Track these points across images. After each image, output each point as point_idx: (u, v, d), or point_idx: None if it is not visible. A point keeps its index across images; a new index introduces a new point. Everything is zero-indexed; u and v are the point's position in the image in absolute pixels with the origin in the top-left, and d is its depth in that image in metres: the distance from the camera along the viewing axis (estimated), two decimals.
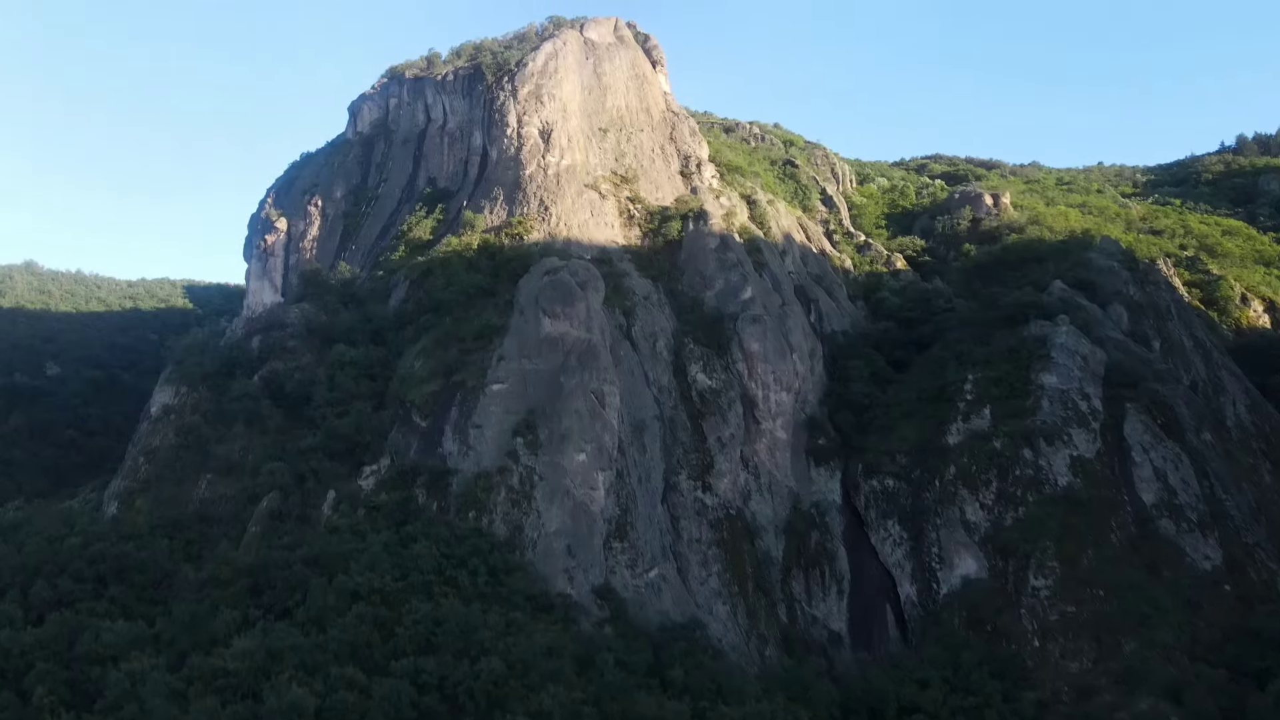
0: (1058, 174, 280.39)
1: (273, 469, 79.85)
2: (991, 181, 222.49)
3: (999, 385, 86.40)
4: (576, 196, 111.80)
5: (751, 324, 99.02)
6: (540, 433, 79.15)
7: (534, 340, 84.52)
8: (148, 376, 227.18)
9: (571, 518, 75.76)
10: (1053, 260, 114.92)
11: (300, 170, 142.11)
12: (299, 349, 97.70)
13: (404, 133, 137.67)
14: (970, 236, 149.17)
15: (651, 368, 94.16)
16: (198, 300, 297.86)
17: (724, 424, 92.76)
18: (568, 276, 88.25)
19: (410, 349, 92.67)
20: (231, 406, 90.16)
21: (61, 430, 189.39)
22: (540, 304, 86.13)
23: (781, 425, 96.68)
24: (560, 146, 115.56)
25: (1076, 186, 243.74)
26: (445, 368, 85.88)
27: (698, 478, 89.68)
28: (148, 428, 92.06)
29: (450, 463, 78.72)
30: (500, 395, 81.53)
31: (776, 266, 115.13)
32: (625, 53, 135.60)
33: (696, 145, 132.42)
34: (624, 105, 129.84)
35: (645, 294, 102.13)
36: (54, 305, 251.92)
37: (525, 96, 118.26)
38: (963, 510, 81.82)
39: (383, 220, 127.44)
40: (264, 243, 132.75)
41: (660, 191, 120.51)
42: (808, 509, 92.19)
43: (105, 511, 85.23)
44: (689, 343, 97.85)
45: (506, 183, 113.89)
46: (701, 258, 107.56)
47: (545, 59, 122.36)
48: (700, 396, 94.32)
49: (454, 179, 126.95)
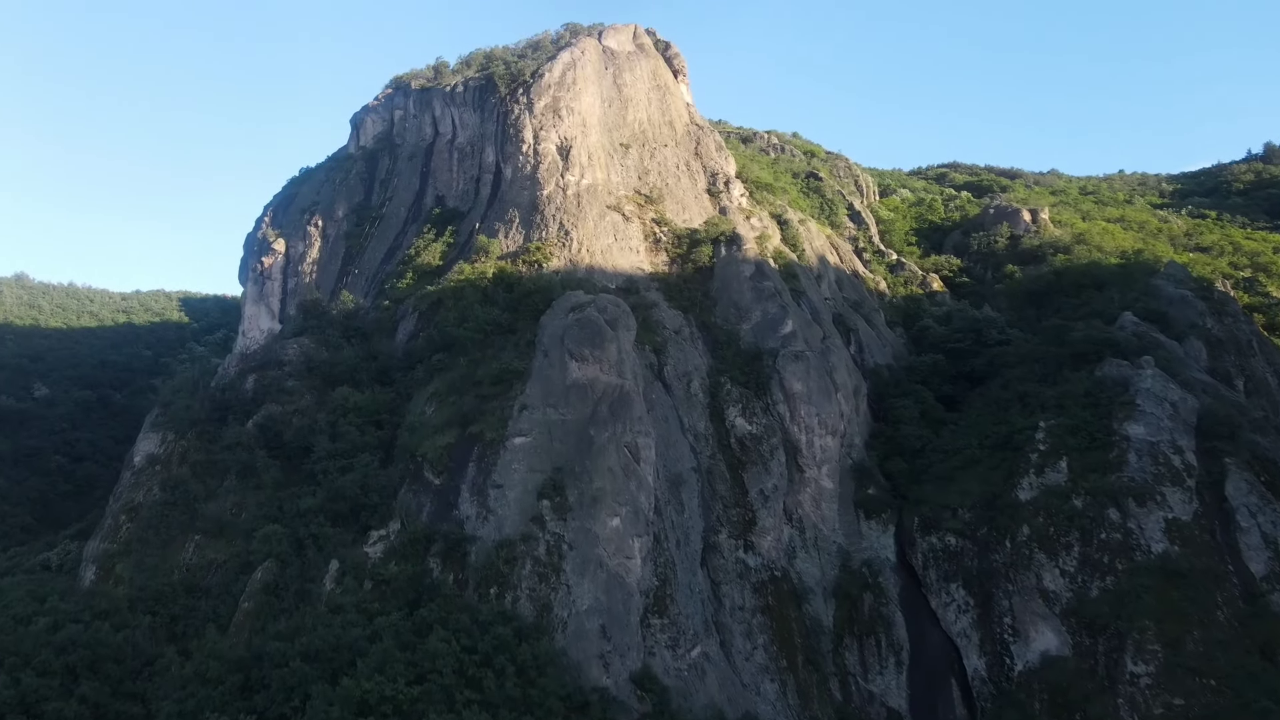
0: (1079, 182, 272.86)
1: (268, 533, 71.26)
2: (1017, 193, 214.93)
3: (1076, 435, 77.63)
4: (598, 219, 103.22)
5: (793, 361, 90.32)
6: (569, 494, 70.44)
7: (560, 387, 75.85)
8: (140, 396, 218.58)
9: (605, 592, 66.99)
10: (1115, 287, 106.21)
11: (300, 187, 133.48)
12: (298, 390, 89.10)
13: (410, 147, 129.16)
14: (1010, 256, 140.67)
15: (686, 412, 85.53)
16: (193, 313, 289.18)
17: (766, 474, 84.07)
18: (596, 314, 79.57)
19: (420, 392, 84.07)
20: (223, 457, 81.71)
21: (49, 456, 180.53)
22: (566, 345, 77.45)
23: (827, 473, 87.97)
24: (580, 164, 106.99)
25: (1102, 196, 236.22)
26: (461, 416, 77.19)
27: (739, 536, 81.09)
28: (130, 480, 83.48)
29: (468, 528, 70.03)
30: (523, 450, 72.84)
31: (814, 294, 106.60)
32: (646, 62, 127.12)
33: (723, 161, 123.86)
34: (646, 119, 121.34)
35: (676, 328, 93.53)
36: (44, 320, 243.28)
37: (542, 110, 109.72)
38: (1039, 576, 73.01)
39: (387, 242, 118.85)
40: (261, 265, 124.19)
41: (687, 212, 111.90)
42: (858, 568, 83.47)
43: (82, 577, 76.64)
44: (725, 383, 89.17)
45: (522, 204, 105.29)
46: (736, 286, 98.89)
47: (563, 69, 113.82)
48: (740, 444, 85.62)
49: (464, 198, 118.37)
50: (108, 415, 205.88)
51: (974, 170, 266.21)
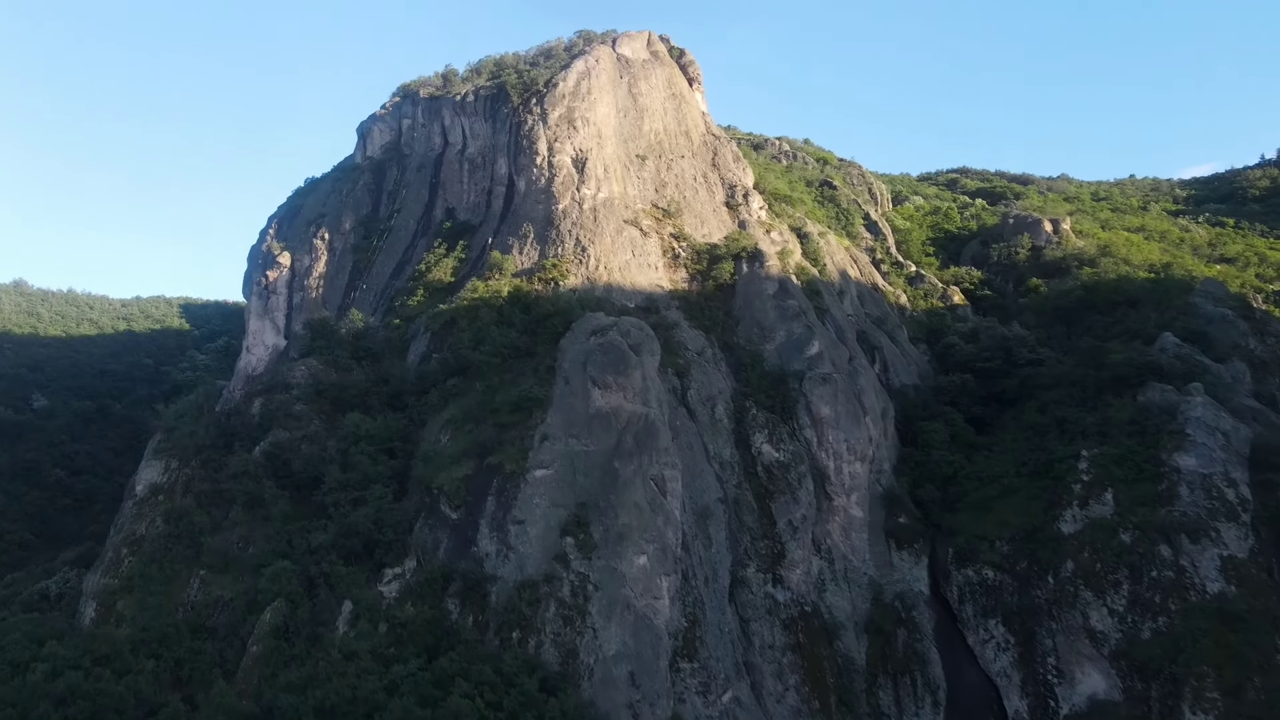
0: (1090, 187, 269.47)
1: (278, 571, 67.80)
2: (1032, 200, 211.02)
3: (1122, 465, 74.20)
4: (616, 234, 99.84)
5: (820, 385, 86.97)
6: (593, 530, 66.99)
7: (582, 416, 72.44)
8: (140, 406, 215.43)
9: (633, 636, 63.57)
10: (1149, 304, 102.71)
11: (305, 198, 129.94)
12: (306, 415, 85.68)
13: (418, 157, 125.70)
14: (1033, 268, 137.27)
15: (712, 439, 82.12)
16: (194, 320, 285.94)
17: (794, 504, 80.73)
18: (619, 339, 76.16)
19: (435, 419, 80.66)
20: (229, 486, 78.29)
21: (47, 470, 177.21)
22: (589, 372, 74.04)
23: (856, 501, 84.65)
24: (596, 177, 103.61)
25: (1115, 202, 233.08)
26: (478, 446, 73.74)
27: (767, 569, 77.77)
28: (132, 510, 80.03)
29: (488, 566, 66.58)
30: (545, 483, 69.38)
31: (837, 311, 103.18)
32: (661, 70, 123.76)
33: (740, 172, 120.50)
34: (662, 129, 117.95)
35: (698, 349, 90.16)
36: (43, 329, 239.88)
37: (556, 121, 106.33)
38: (1086, 615, 69.58)
39: (396, 256, 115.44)
40: (265, 279, 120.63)
41: (706, 226, 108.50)
42: (891, 601, 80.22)
43: (82, 614, 73.26)
44: (751, 407, 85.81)
45: (537, 218, 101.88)
46: (759, 305, 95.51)
47: (577, 79, 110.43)
48: (767, 472, 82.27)
49: (475, 210, 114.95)
50: (107, 426, 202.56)
51: (985, 176, 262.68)
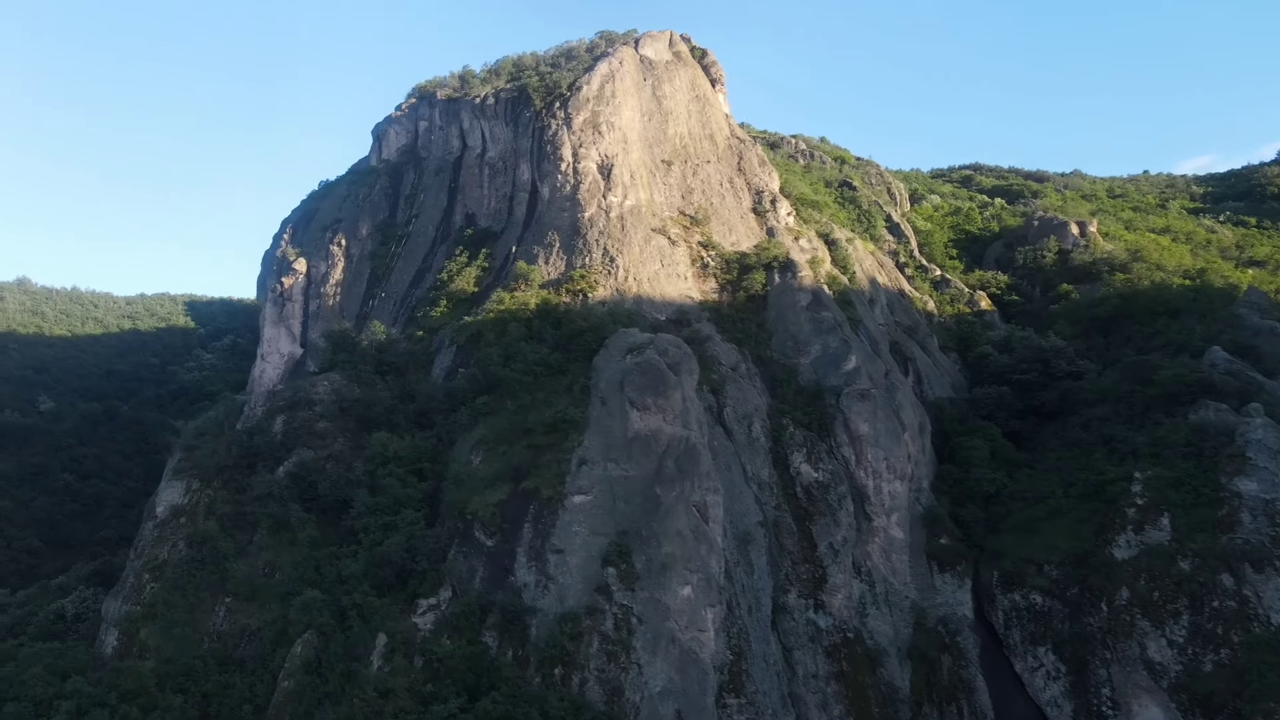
0: (1105, 184, 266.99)
1: (308, 601, 65.44)
2: (1050, 199, 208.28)
3: (1179, 489, 71.82)
4: (644, 244, 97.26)
5: (859, 401, 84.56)
6: (635, 560, 64.66)
7: (621, 439, 69.99)
8: (148, 407, 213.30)
9: (679, 671, 61.37)
10: (1191, 315, 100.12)
11: (320, 202, 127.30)
12: (329, 433, 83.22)
13: (436, 161, 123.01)
14: (1061, 272, 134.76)
15: (749, 459, 79.69)
16: (200, 318, 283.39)
17: (835, 526, 78.33)
18: (656, 358, 73.66)
19: (465, 438, 78.18)
20: (253, 509, 75.81)
21: (55, 475, 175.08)
22: (626, 393, 71.57)
23: (896, 521, 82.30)
24: (622, 184, 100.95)
25: (1132, 199, 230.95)
26: (512, 469, 71.32)
27: (809, 594, 75.37)
28: (153, 533, 77.54)
29: (526, 597, 64.28)
30: (584, 510, 67.01)
31: (870, 322, 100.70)
32: (684, 71, 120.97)
33: (767, 176, 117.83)
34: (686, 132, 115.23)
35: (732, 364, 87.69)
36: (48, 328, 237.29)
37: (581, 125, 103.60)
38: (1143, 646, 67.31)
39: (415, 263, 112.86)
40: (280, 285, 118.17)
41: (734, 234, 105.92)
42: (934, 626, 77.93)
43: (103, 643, 70.92)
44: (788, 425, 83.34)
45: (562, 227, 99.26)
46: (792, 317, 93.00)
47: (601, 81, 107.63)
48: (806, 493, 79.88)
49: (496, 217, 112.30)
50: (115, 428, 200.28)
51: (999, 173, 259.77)
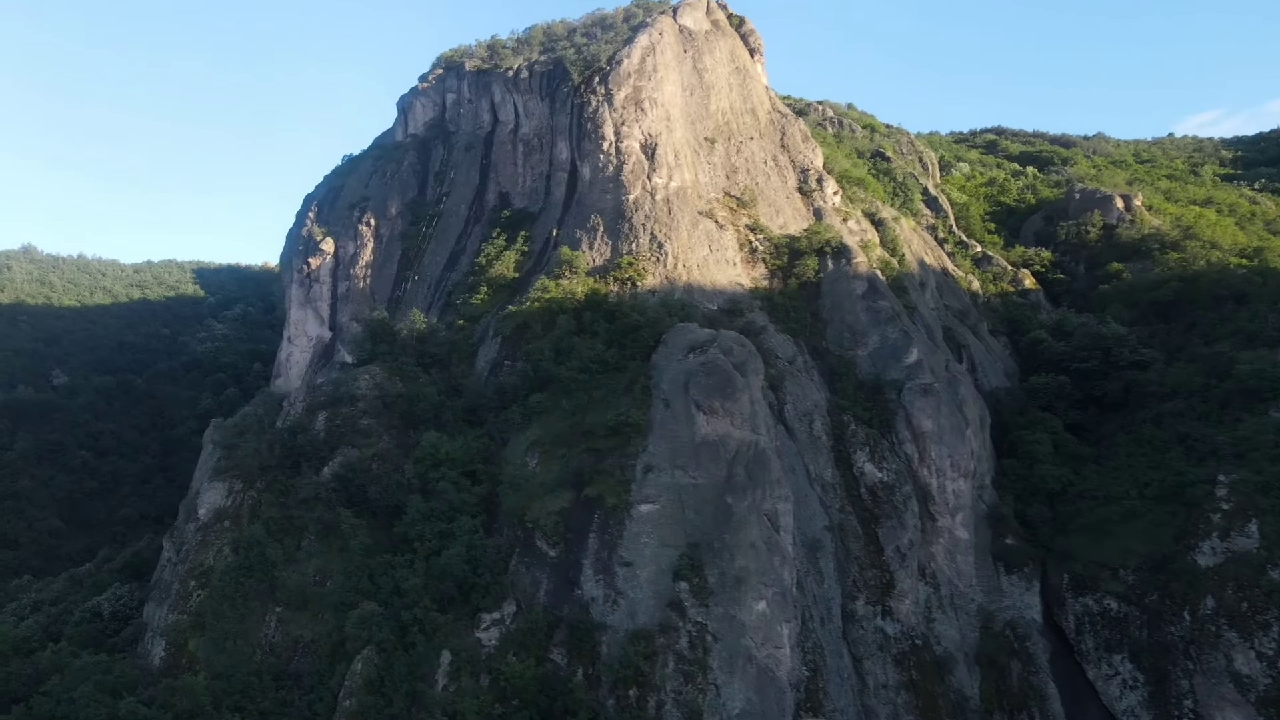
0: (1130, 146, 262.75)
1: (365, 615, 62.94)
2: (1082, 167, 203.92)
3: (1267, 494, 69.10)
4: (691, 228, 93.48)
5: (922, 396, 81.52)
6: (708, 574, 62.07)
7: (688, 444, 67.01)
8: (161, 380, 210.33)
9: (757, 691, 59.11)
10: (1261, 300, 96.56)
11: (345, 178, 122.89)
12: (374, 430, 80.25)
13: (466, 136, 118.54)
14: (1108, 249, 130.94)
15: (812, 460, 76.83)
16: (208, 286, 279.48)
17: (901, 528, 75.75)
18: (721, 357, 70.40)
19: (518, 438, 75.20)
20: (299, 513, 73.18)
21: (73, 451, 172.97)
22: (692, 395, 68.43)
23: (961, 521, 79.73)
24: (667, 164, 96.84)
25: (1160, 165, 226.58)
26: (573, 475, 68.48)
27: (876, 601, 73.00)
28: (196, 536, 74.92)
29: (595, 612, 61.83)
30: (652, 520, 64.27)
31: (924, 309, 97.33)
32: (724, 42, 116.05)
33: (810, 153, 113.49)
34: (728, 107, 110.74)
35: (789, 357, 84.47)
36: (57, 299, 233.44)
37: (622, 102, 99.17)
38: (1229, 658, 65.11)
39: (448, 245, 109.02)
40: (307, 266, 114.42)
41: (781, 216, 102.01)
42: (1001, 629, 75.75)
43: (150, 654, 68.95)
44: (849, 422, 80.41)
45: (606, 210, 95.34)
46: (848, 307, 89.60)
47: (641, 55, 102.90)
48: (871, 494, 77.19)
49: (532, 196, 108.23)
50: (130, 402, 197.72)
51: (1024, 137, 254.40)
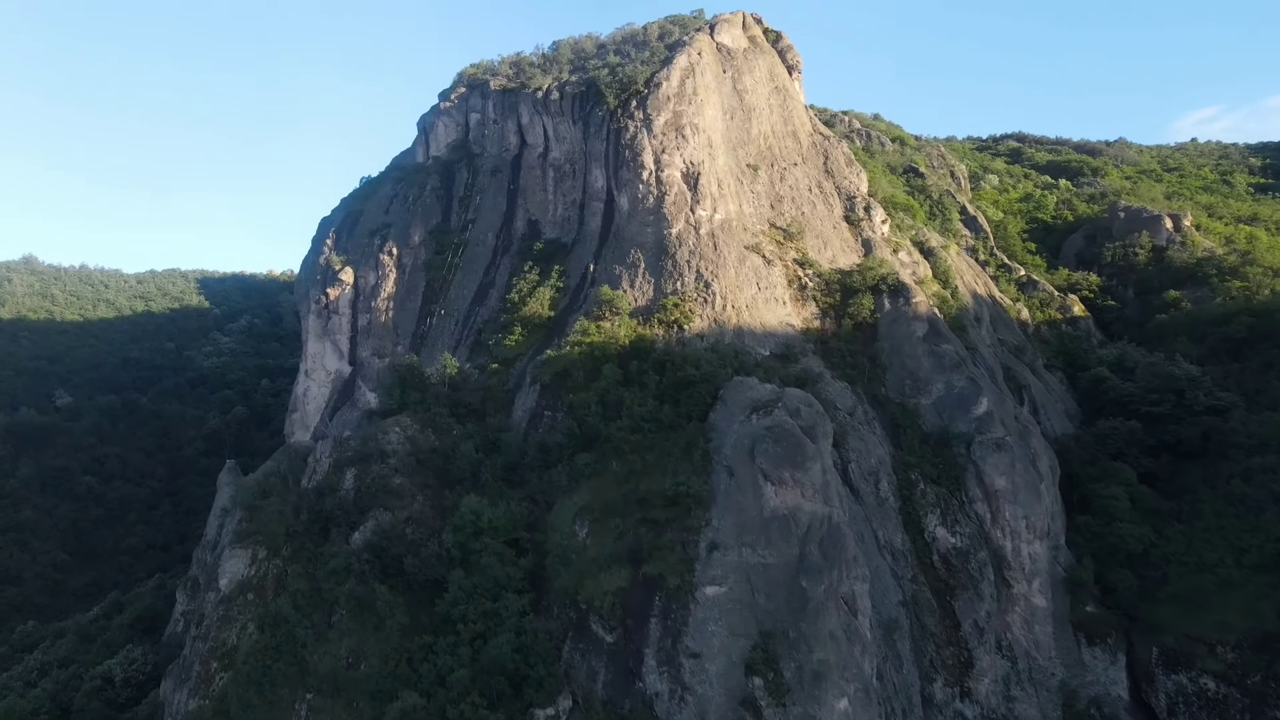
0: (1153, 152, 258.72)
1: (407, 709, 57.34)
2: (1112, 179, 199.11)
3: None
4: (738, 264, 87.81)
5: (994, 452, 75.96)
6: (784, 668, 56.45)
7: (756, 519, 61.39)
8: (167, 399, 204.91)
9: None
10: None
11: (364, 202, 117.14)
12: (406, 490, 74.64)
13: (492, 159, 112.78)
14: (1159, 273, 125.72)
15: (881, 525, 71.33)
16: (213, 296, 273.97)
17: (978, 600, 70.28)
18: (788, 420, 64.76)
19: (565, 503, 69.57)
20: (329, 585, 67.51)
21: (77, 477, 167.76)
22: (758, 463, 62.78)
23: (1038, 587, 74.27)
24: (710, 195, 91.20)
25: (1188, 173, 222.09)
26: (629, 550, 62.84)
27: (955, 682, 67.66)
28: (217, 610, 69.31)
29: (660, 710, 56.29)
30: (719, 604, 58.68)
31: (984, 348, 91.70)
32: (762, 60, 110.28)
33: (855, 178, 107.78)
34: (770, 130, 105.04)
35: (849, 408, 78.87)
36: (59, 313, 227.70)
37: (662, 129, 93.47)
38: None
39: (476, 277, 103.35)
40: (325, 297, 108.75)
41: (829, 248, 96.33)
42: (1085, 708, 70.45)
43: None
44: (917, 480, 74.90)
45: (646, 244, 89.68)
46: (908, 351, 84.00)
47: (680, 77, 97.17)
48: (944, 561, 71.68)
49: (565, 226, 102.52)
50: (135, 423, 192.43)
51: (1047, 144, 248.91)
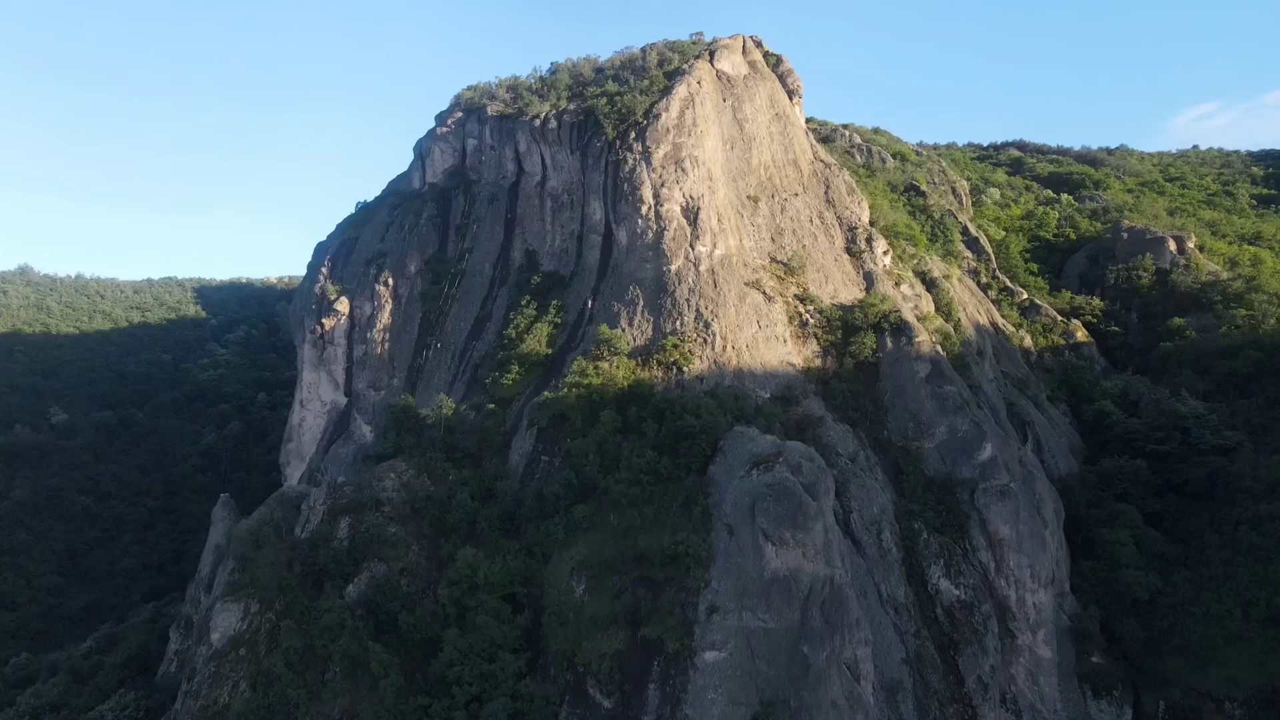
0: (1154, 159, 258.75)
1: None
2: (1115, 192, 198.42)
3: None
4: (739, 302, 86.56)
5: (999, 500, 74.89)
6: None
7: (756, 581, 60.24)
8: (163, 414, 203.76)
9: None
10: None
11: (359, 229, 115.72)
12: (402, 540, 73.43)
13: (489, 186, 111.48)
14: (1162, 298, 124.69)
15: (883, 578, 70.20)
16: (210, 306, 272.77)
17: (982, 654, 69.19)
18: (790, 478, 63.56)
19: (562, 556, 68.42)
20: (322, 643, 66.32)
21: (72, 498, 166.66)
22: (759, 523, 61.62)
23: (1043, 638, 73.24)
24: (710, 230, 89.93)
25: (1190, 183, 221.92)
26: (627, 610, 61.79)
27: None
28: (209, 666, 68.11)
29: None
30: (719, 671, 57.59)
31: (987, 384, 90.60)
32: (763, 87, 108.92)
33: (857, 207, 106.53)
34: (770, 160, 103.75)
35: (851, 453, 77.74)
36: (54, 325, 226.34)
37: (661, 161, 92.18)
38: None
39: (473, 309, 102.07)
40: (320, 327, 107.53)
41: (831, 283, 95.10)
42: None
43: None
44: (920, 530, 73.76)
45: (645, 281, 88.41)
46: (911, 392, 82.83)
47: (680, 108, 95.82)
48: (948, 615, 70.56)
49: (562, 258, 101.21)
50: (131, 440, 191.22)
51: (1048, 154, 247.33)
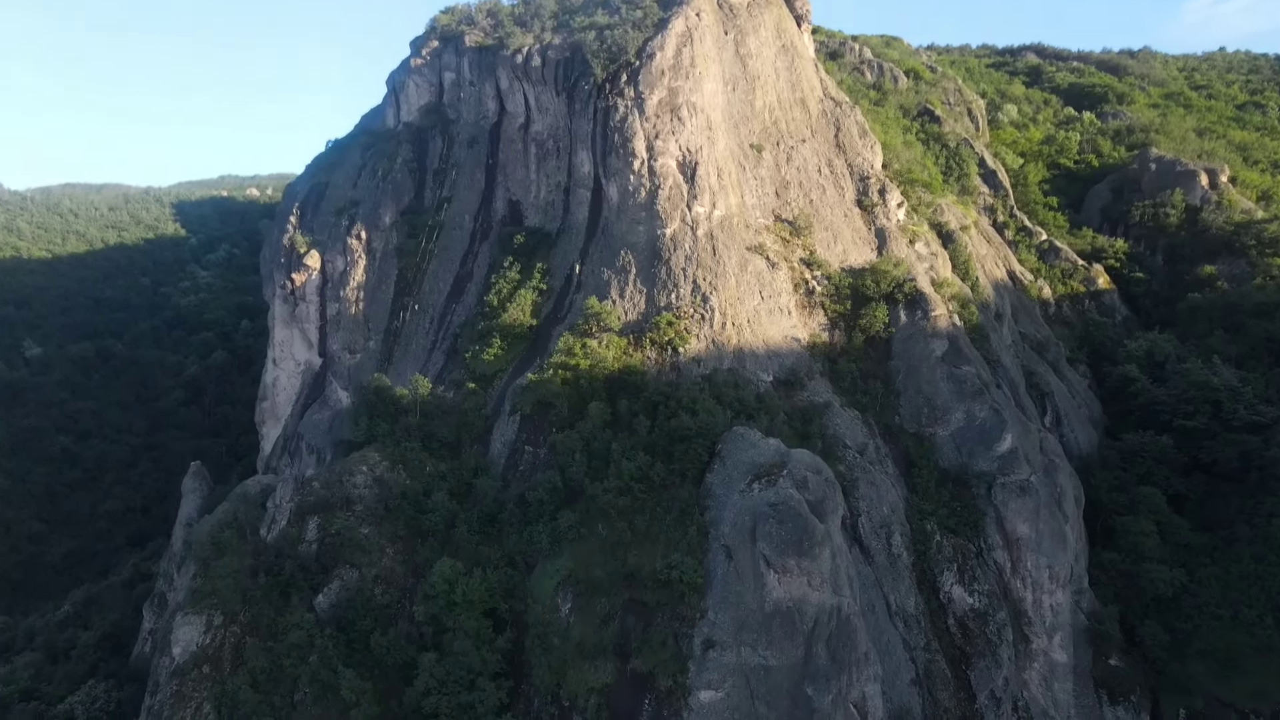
0: (1179, 62, 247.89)
1: None
2: (1140, 108, 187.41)
3: None
4: (740, 271, 79.28)
5: (1018, 497, 69.54)
6: None
7: (757, 613, 55.20)
8: (143, 343, 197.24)
9: None
10: None
11: (330, 173, 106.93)
12: (375, 543, 68.29)
13: (469, 127, 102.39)
14: (1191, 239, 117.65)
15: (893, 587, 65.32)
16: (190, 223, 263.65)
17: (995, 667, 64.97)
18: (794, 496, 57.80)
19: (546, 567, 63.26)
20: (290, 662, 61.88)
21: (50, 437, 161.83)
22: (760, 549, 56.19)
23: (1059, 642, 69.05)
24: (709, 187, 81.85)
25: (1216, 90, 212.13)
26: (616, 640, 57.03)
27: None
28: (170, 684, 63.71)
29: None
30: (715, 712, 53.10)
31: (1007, 358, 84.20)
32: (768, 15, 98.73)
33: (869, 151, 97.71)
34: (776, 101, 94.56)
35: (860, 445, 71.90)
36: (26, 249, 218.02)
37: (656, 108, 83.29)
38: None
39: (453, 266, 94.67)
40: (291, 283, 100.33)
41: (840, 242, 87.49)
42: None
43: None
44: (933, 531, 68.59)
45: (638, 246, 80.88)
46: (925, 374, 76.47)
47: (676, 45, 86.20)
48: (960, 625, 66.01)
49: (548, 212, 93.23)
50: (110, 373, 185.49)
51: (1068, 61, 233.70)
